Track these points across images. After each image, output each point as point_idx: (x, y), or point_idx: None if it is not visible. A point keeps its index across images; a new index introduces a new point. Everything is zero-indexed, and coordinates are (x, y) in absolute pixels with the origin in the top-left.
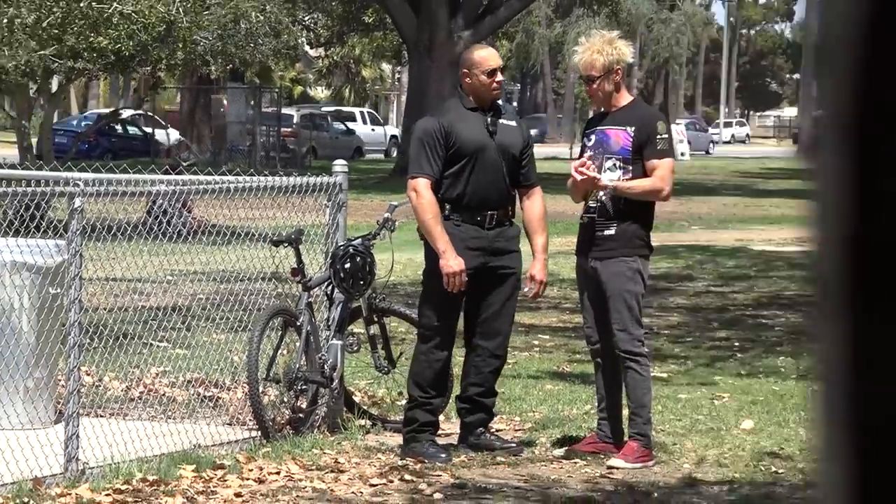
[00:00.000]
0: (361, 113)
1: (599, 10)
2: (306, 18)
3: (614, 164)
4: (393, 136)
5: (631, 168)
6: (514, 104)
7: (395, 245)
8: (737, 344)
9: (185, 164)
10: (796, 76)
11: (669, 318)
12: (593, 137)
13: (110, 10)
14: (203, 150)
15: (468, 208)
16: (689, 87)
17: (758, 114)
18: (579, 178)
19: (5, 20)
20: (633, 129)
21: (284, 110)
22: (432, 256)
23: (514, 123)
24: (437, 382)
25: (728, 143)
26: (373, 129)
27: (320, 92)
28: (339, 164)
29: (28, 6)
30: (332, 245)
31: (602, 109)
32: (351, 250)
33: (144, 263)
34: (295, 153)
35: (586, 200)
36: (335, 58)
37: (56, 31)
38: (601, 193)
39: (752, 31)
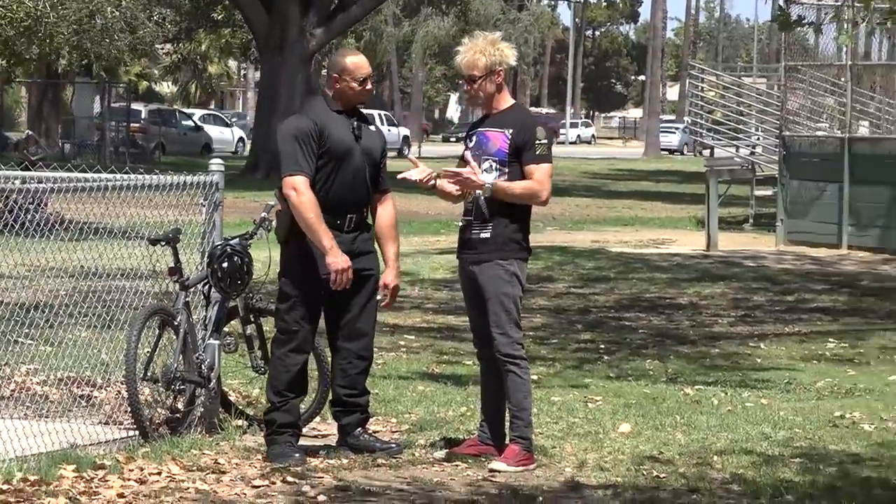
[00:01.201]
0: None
1: (448, 9)
2: (155, 14)
3: (490, 166)
4: (240, 139)
5: (507, 171)
6: None
7: (271, 243)
8: (602, 346)
9: (33, 158)
10: (641, 77)
11: (533, 319)
12: (474, 138)
13: None
14: (51, 145)
15: (329, 210)
16: (535, 87)
17: (603, 115)
18: (456, 186)
19: None
20: (511, 131)
21: (133, 106)
22: (291, 258)
23: (373, 129)
24: (293, 386)
25: (574, 143)
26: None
27: (166, 87)
28: (216, 163)
29: None
30: (208, 244)
31: (482, 112)
32: (228, 250)
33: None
34: (144, 149)
35: (464, 203)
36: (182, 54)
37: None
38: (478, 192)
39: (598, 33)
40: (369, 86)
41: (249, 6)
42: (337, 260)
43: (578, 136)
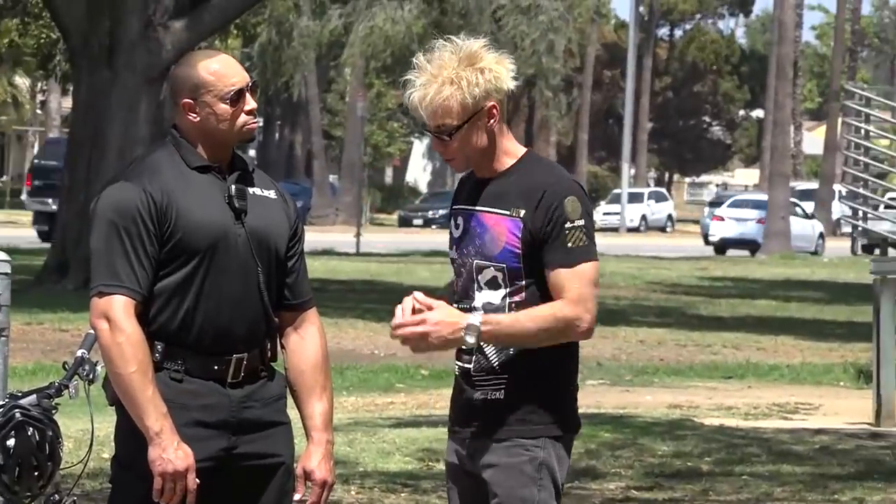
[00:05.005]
0: None
1: None
2: None
3: (494, 279)
4: None
5: (524, 284)
6: (252, 154)
7: (95, 404)
8: None
9: None
10: (756, 113)
11: None
12: (461, 222)
13: None
14: None
15: (198, 350)
16: (568, 129)
17: (687, 178)
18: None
19: None
20: (523, 212)
21: None
22: (130, 438)
23: (272, 194)
24: None
25: (636, 230)
26: None
27: None
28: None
29: None
30: None
31: (474, 175)
32: (17, 416)
33: None
34: None
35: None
36: None
37: None
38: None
39: (678, 33)
40: (251, 105)
41: None
42: (168, 456)
43: (644, 217)
